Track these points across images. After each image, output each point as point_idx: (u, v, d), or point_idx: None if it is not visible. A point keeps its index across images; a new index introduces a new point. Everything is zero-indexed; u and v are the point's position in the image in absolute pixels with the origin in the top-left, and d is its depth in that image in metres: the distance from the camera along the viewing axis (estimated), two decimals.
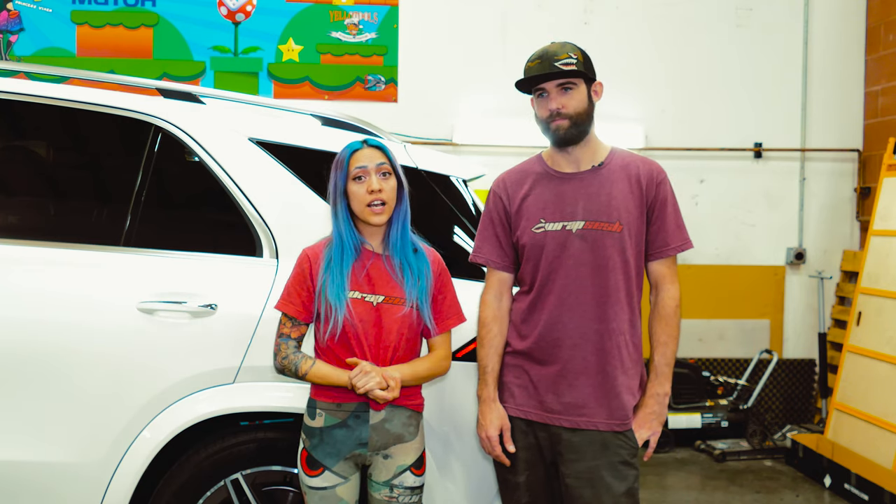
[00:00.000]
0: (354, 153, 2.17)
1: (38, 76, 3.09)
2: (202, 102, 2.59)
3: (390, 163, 2.19)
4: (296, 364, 2.15)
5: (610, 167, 2.26)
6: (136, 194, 2.46)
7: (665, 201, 2.26)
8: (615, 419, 2.20)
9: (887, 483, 4.07)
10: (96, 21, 5.38)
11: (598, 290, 2.20)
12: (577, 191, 2.24)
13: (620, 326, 2.21)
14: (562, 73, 2.17)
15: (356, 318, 2.12)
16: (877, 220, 4.92)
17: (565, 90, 2.20)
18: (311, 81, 5.49)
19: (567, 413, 2.21)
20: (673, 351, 2.28)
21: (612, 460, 2.18)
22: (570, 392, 2.21)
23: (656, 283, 2.31)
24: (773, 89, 5.70)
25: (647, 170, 2.27)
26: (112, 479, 2.34)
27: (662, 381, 2.27)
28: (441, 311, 2.24)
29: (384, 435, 2.17)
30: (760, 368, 5.54)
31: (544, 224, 2.24)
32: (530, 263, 2.27)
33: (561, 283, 2.22)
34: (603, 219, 2.21)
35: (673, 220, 2.27)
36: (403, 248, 2.20)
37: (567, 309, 2.21)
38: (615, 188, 2.23)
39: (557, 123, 2.21)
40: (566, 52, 2.20)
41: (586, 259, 2.20)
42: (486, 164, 3.27)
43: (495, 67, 5.48)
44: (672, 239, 2.27)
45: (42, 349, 2.33)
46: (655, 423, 2.26)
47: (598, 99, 2.28)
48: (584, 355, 2.20)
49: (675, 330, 2.28)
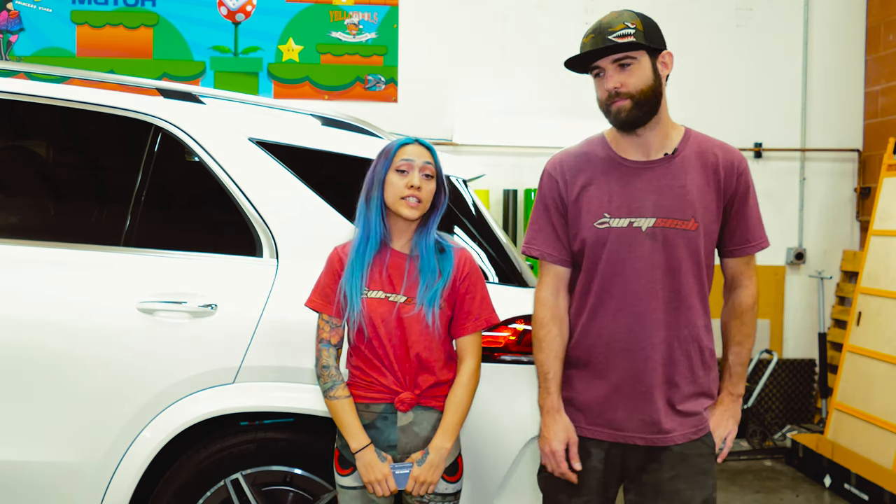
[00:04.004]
0: (404, 146, 2.13)
1: (38, 76, 3.09)
2: (202, 102, 2.59)
3: (435, 165, 2.14)
4: (331, 384, 2.11)
5: (684, 155, 2.01)
6: (136, 194, 2.46)
7: (747, 194, 2.03)
8: (691, 427, 2.02)
9: (887, 483, 4.07)
10: (96, 21, 5.38)
11: (670, 294, 1.98)
12: (648, 183, 1.98)
13: (693, 333, 2.01)
14: (616, 48, 1.91)
15: (378, 318, 2.08)
16: (877, 220, 4.92)
17: (623, 66, 1.93)
18: (311, 81, 5.49)
19: (642, 431, 2.00)
20: (749, 350, 2.11)
21: (689, 470, 2.00)
22: (644, 408, 1.99)
23: (732, 280, 2.11)
24: (773, 89, 5.70)
25: (727, 158, 2.01)
26: (112, 479, 2.34)
27: (737, 381, 2.10)
28: (470, 311, 2.14)
29: (413, 437, 2.12)
30: (760, 368, 5.54)
31: (608, 219, 1.99)
32: (589, 262, 2.02)
33: (629, 288, 1.98)
34: (676, 215, 1.97)
35: (755, 216, 2.05)
36: (427, 248, 2.14)
37: (635, 316, 1.98)
38: (690, 180, 1.98)
39: (618, 105, 1.94)
40: (622, 21, 1.93)
41: (658, 261, 1.97)
42: (486, 164, 3.28)
43: (495, 67, 5.48)
44: (754, 236, 2.05)
45: (41, 349, 2.33)
46: (732, 423, 2.09)
47: (667, 71, 1.99)
48: (654, 367, 1.98)
49: (750, 329, 2.10)
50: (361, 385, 2.13)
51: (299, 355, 2.35)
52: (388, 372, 2.10)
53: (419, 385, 2.11)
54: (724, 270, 2.13)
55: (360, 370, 2.13)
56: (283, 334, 2.38)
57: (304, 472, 2.44)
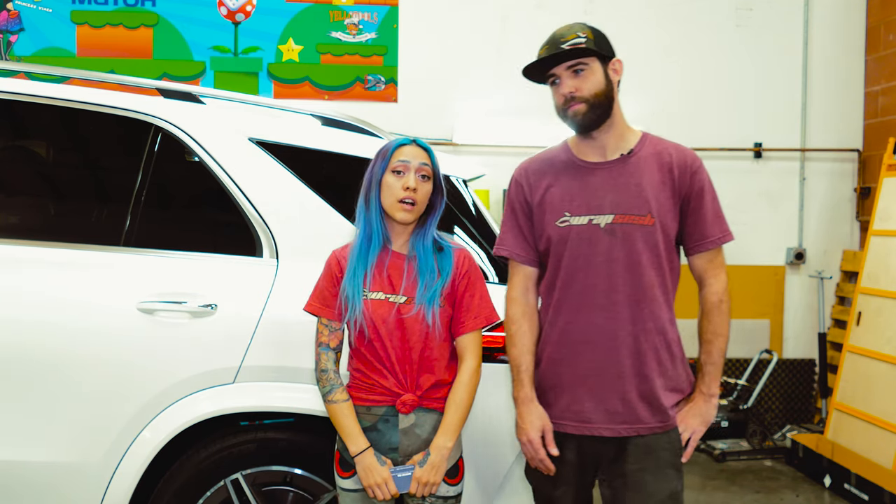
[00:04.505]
0: (400, 147, 2.13)
1: (39, 76, 3.09)
2: (202, 102, 2.59)
3: (432, 167, 2.14)
4: (329, 388, 2.11)
5: (640, 155, 2.11)
6: (136, 194, 2.46)
7: (702, 191, 2.11)
8: (657, 421, 2.08)
9: (887, 483, 4.07)
10: (96, 21, 5.38)
11: (632, 288, 2.06)
12: (605, 181, 2.09)
13: (658, 325, 2.08)
14: (569, 54, 2.03)
15: (379, 319, 2.08)
16: (877, 220, 4.92)
17: (577, 72, 2.05)
18: (311, 81, 5.49)
19: (608, 422, 2.07)
20: (719, 348, 2.15)
21: (655, 463, 2.07)
22: (609, 399, 2.06)
23: (699, 278, 2.18)
24: (773, 89, 5.70)
25: (680, 157, 2.11)
26: (112, 479, 2.34)
27: (709, 380, 2.14)
28: (470, 308, 2.14)
29: (414, 439, 2.12)
30: (760, 368, 5.54)
31: (569, 217, 2.10)
32: (554, 259, 2.12)
33: (590, 282, 2.07)
34: (633, 211, 2.06)
35: (711, 211, 2.13)
36: (425, 248, 2.14)
37: (600, 309, 2.06)
38: (646, 178, 2.08)
39: (574, 108, 2.06)
40: (573, 32, 2.07)
41: (617, 256, 2.06)
42: (486, 164, 3.28)
43: (495, 67, 5.48)
44: (711, 231, 2.13)
45: (42, 349, 2.33)
46: (699, 422, 2.12)
47: (617, 77, 2.11)
48: (620, 359, 2.06)
49: (719, 327, 2.15)
50: (362, 387, 2.12)
51: (299, 355, 2.35)
52: (390, 374, 2.10)
53: (421, 386, 2.11)
54: (692, 271, 2.19)
55: (360, 372, 2.13)
56: (283, 334, 2.38)
57: (304, 472, 2.44)
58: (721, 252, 2.19)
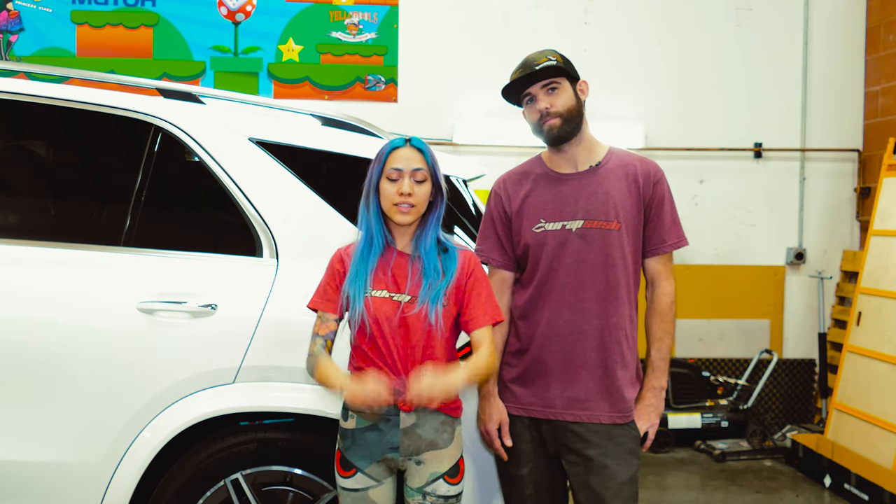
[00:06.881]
0: (394, 151, 2.13)
1: (38, 76, 3.09)
2: (202, 102, 2.59)
3: (428, 168, 2.14)
4: (312, 364, 2.12)
5: (608, 167, 2.32)
6: (136, 194, 2.46)
7: (662, 199, 2.32)
8: (617, 412, 2.26)
9: (887, 483, 4.07)
10: (96, 21, 5.38)
11: (599, 286, 2.26)
12: (576, 191, 2.30)
13: (621, 321, 2.27)
14: (544, 73, 2.25)
15: (382, 316, 2.09)
16: (877, 220, 4.92)
17: (551, 90, 2.28)
18: (311, 81, 5.49)
19: (570, 408, 2.26)
20: (668, 346, 2.35)
21: (616, 449, 2.24)
22: (573, 387, 2.26)
23: (652, 280, 2.37)
24: (773, 89, 5.70)
25: (644, 169, 2.32)
26: (112, 479, 2.34)
27: (659, 375, 2.34)
28: (479, 306, 2.16)
29: (416, 440, 2.12)
30: (760, 368, 5.54)
31: (544, 224, 2.30)
32: (531, 262, 2.31)
33: (562, 281, 2.27)
34: (601, 217, 2.27)
35: (669, 218, 2.33)
36: (427, 249, 2.15)
37: (568, 305, 2.26)
38: (613, 187, 2.29)
39: (549, 123, 2.27)
40: (545, 55, 2.28)
41: (586, 257, 2.26)
42: (486, 164, 3.28)
43: (495, 67, 5.45)
44: (668, 236, 2.33)
45: (42, 349, 2.33)
46: (654, 416, 2.33)
47: (584, 97, 2.34)
48: (584, 350, 2.26)
49: (670, 326, 2.35)
50: None
51: (299, 355, 2.34)
52: (392, 372, 2.10)
53: None
54: (645, 272, 2.38)
55: (362, 371, 2.13)
56: (284, 334, 2.38)
57: (304, 472, 2.44)
58: (672, 257, 2.38)
